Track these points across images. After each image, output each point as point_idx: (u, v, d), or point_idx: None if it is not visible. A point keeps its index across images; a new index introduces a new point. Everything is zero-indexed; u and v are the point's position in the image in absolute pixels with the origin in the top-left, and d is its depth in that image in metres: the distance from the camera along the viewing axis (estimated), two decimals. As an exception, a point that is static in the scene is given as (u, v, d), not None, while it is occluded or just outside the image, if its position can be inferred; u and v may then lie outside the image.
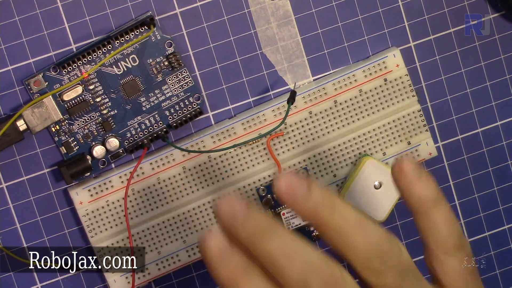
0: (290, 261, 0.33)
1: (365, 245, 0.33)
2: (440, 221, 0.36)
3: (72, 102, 0.45)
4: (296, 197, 0.33)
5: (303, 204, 0.33)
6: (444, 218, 0.36)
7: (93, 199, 0.45)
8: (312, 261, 0.33)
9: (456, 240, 0.36)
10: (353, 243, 0.33)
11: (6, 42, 0.44)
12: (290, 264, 0.33)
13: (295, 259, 0.33)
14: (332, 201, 0.34)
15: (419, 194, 0.35)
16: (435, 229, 0.36)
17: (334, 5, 0.46)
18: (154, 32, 0.45)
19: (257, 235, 0.33)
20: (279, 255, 0.33)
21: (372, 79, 0.46)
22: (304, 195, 0.33)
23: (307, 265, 0.33)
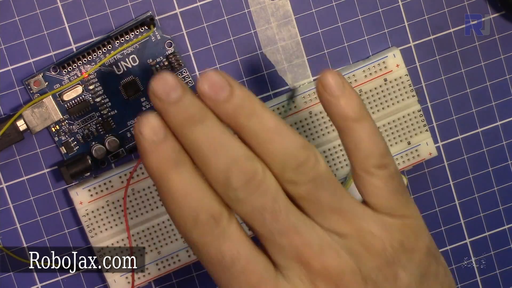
0: (215, 152, 0.33)
1: (280, 152, 0.33)
2: (362, 139, 0.35)
3: (72, 102, 0.45)
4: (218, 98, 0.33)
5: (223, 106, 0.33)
6: (366, 136, 0.35)
7: (93, 199, 0.45)
8: (236, 154, 0.33)
9: (378, 159, 0.35)
10: (270, 149, 0.33)
11: (6, 42, 0.44)
12: (214, 155, 0.33)
13: (220, 151, 0.33)
14: (252, 106, 0.33)
15: (341, 110, 0.35)
16: (356, 147, 0.35)
17: (334, 5, 0.46)
18: (154, 32, 0.45)
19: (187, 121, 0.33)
20: (205, 145, 0.33)
21: (372, 79, 0.46)
22: (226, 97, 0.33)
23: (230, 158, 0.33)
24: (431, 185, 0.49)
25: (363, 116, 0.35)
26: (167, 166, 0.33)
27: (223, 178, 0.33)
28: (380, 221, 0.35)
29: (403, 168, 0.47)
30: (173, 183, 0.33)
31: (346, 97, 0.35)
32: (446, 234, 0.49)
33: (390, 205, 0.35)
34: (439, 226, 0.49)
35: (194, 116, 0.33)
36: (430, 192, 0.49)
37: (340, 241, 0.34)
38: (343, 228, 0.34)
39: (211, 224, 0.33)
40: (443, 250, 0.49)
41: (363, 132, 0.35)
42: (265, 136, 0.33)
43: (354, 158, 0.36)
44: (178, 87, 0.33)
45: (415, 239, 0.36)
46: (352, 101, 0.35)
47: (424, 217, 0.49)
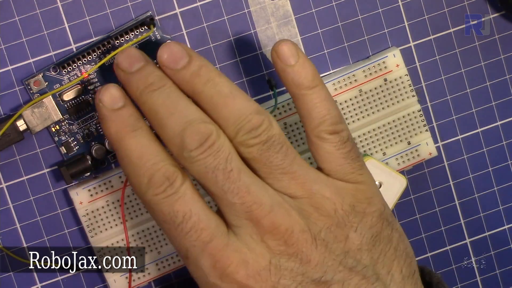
0: (171, 115, 0.35)
1: (234, 116, 0.35)
2: (314, 106, 0.36)
3: (72, 102, 0.45)
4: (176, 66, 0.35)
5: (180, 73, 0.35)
6: (318, 102, 0.36)
7: (93, 199, 0.45)
8: (191, 116, 0.34)
9: (330, 125, 0.36)
10: (224, 113, 0.35)
11: (6, 42, 0.44)
12: (170, 117, 0.34)
13: (176, 114, 0.34)
14: (208, 73, 0.35)
15: (295, 77, 0.36)
16: (309, 114, 0.37)
17: (334, 5, 0.46)
18: (154, 32, 0.45)
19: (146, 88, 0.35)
20: (161, 109, 0.35)
21: (372, 79, 0.46)
22: (183, 64, 0.35)
23: (185, 119, 0.34)
24: (431, 185, 0.49)
25: (316, 83, 0.37)
26: (124, 131, 0.35)
27: (178, 139, 0.34)
28: (332, 184, 0.36)
29: (403, 168, 0.47)
30: (129, 147, 0.35)
31: (299, 65, 0.36)
32: (446, 234, 0.49)
33: (343, 170, 0.37)
34: (439, 226, 0.49)
35: (153, 83, 0.35)
36: (430, 192, 0.49)
37: (291, 202, 0.35)
38: (294, 189, 0.35)
39: (165, 183, 0.34)
40: (443, 250, 0.49)
41: (316, 99, 0.36)
42: (219, 100, 0.35)
43: (307, 124, 0.37)
44: (141, 59, 0.36)
45: (367, 203, 0.37)
46: (306, 69, 0.36)
47: (424, 217, 0.49)
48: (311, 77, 0.37)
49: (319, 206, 0.35)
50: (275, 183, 0.36)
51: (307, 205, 0.35)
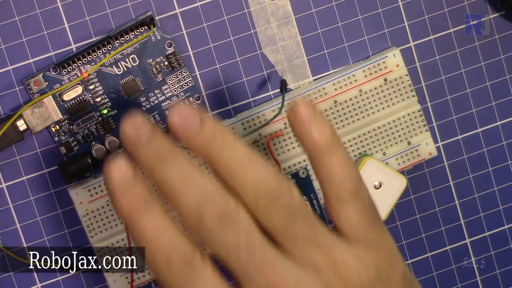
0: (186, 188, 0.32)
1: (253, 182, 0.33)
2: (334, 168, 0.34)
3: (72, 102, 0.45)
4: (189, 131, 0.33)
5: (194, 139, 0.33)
6: (339, 165, 0.34)
7: (93, 199, 0.45)
8: (208, 190, 0.32)
9: (350, 188, 0.34)
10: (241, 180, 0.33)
11: (6, 42, 0.44)
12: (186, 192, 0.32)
13: (191, 187, 0.32)
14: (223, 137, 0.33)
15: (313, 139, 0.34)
16: (329, 176, 0.35)
17: (334, 5, 0.46)
18: (154, 32, 0.45)
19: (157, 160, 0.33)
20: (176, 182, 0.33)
21: (372, 79, 0.46)
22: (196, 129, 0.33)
23: (202, 194, 0.32)
24: (431, 185, 0.49)
25: (335, 145, 0.34)
26: (137, 209, 0.33)
27: (195, 214, 0.32)
28: (355, 252, 0.34)
29: (403, 168, 0.47)
30: (144, 226, 0.33)
31: (317, 126, 0.34)
32: (446, 234, 0.49)
33: (364, 234, 0.35)
34: (439, 226, 0.49)
35: (165, 154, 0.33)
36: (430, 192, 0.49)
37: (316, 276, 0.33)
38: (319, 260, 0.34)
39: (184, 265, 0.32)
40: (443, 250, 0.49)
41: (335, 162, 0.34)
42: (237, 166, 0.33)
43: (326, 187, 0.35)
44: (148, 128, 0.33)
45: (390, 267, 0.35)
46: (324, 130, 0.34)
47: (424, 217, 0.49)
48: (330, 139, 0.34)
49: (345, 279, 0.34)
50: (298, 253, 0.34)
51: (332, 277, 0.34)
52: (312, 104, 0.35)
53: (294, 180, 0.46)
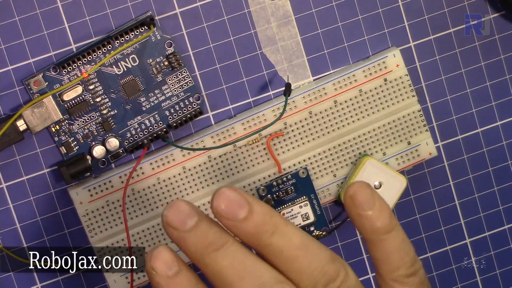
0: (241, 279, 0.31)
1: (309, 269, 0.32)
2: (392, 251, 0.34)
3: (72, 102, 0.45)
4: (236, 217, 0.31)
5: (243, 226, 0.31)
6: (396, 246, 0.34)
7: (93, 199, 0.45)
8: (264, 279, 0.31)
9: (408, 268, 0.34)
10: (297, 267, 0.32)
11: (6, 42, 0.44)
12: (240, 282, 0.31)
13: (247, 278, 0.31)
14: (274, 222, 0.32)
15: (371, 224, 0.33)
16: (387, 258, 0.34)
17: (334, 5, 0.46)
18: (154, 32, 0.45)
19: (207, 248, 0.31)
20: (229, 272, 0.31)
21: (372, 79, 0.46)
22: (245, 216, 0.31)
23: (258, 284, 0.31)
24: (431, 185, 0.49)
25: (393, 226, 0.34)
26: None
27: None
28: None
29: (403, 168, 0.47)
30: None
31: (376, 210, 0.33)
32: (446, 234, 0.49)
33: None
34: (439, 226, 0.49)
35: (214, 242, 0.31)
36: (430, 192, 0.49)
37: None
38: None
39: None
40: (443, 250, 0.49)
41: (394, 243, 0.34)
42: (291, 253, 0.32)
43: (383, 268, 0.34)
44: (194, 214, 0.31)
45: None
46: (383, 213, 0.34)
47: (424, 217, 0.49)
48: (388, 221, 0.34)
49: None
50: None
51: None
52: (370, 187, 0.34)
53: (294, 180, 0.46)
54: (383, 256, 0.34)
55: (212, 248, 0.31)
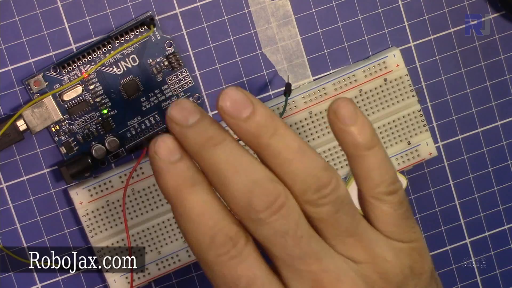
0: (235, 173, 0.32)
1: (303, 173, 0.33)
2: (372, 167, 0.35)
3: (72, 102, 0.45)
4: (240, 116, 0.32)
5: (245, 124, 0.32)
6: (377, 163, 0.35)
7: (93, 199, 0.45)
8: (258, 176, 0.32)
9: (388, 186, 0.35)
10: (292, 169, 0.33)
11: (6, 42, 0.44)
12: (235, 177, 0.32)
13: (241, 172, 0.32)
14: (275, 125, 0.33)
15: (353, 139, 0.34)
16: (367, 175, 0.35)
17: (334, 5, 0.46)
18: (154, 32, 0.45)
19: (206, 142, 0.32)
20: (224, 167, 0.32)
21: (372, 79, 0.46)
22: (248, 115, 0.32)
23: (252, 180, 0.32)
24: (431, 185, 0.49)
25: (375, 143, 0.35)
26: (183, 186, 0.32)
27: (244, 200, 0.32)
28: (392, 246, 0.35)
29: (403, 168, 0.47)
30: (189, 202, 0.32)
31: (358, 125, 0.34)
32: (446, 234, 0.49)
33: (399, 230, 0.35)
34: (439, 226, 0.49)
35: (213, 137, 0.32)
36: (430, 192, 0.49)
37: (356, 268, 0.34)
38: (359, 254, 0.34)
39: (228, 244, 0.32)
40: (443, 250, 0.49)
41: (374, 160, 0.35)
42: (287, 156, 0.33)
43: (363, 185, 0.35)
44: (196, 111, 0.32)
45: (422, 262, 0.36)
46: (365, 129, 0.34)
47: (424, 217, 0.49)
48: (370, 137, 0.34)
49: (382, 271, 0.34)
50: (339, 245, 0.34)
51: (371, 271, 0.34)
52: (352, 102, 0.35)
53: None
54: (363, 172, 0.35)
55: (211, 143, 0.32)
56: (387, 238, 0.35)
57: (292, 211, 0.32)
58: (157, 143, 0.32)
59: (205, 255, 0.33)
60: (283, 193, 0.32)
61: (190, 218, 0.33)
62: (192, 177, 0.33)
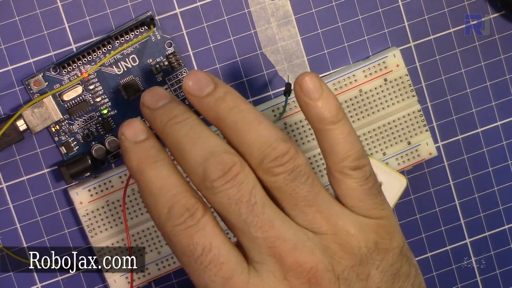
0: (193, 144, 0.34)
1: (259, 142, 0.34)
2: (337, 141, 0.35)
3: (72, 102, 0.45)
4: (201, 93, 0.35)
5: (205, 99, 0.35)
6: (342, 138, 0.35)
7: (93, 199, 0.45)
8: (214, 146, 0.34)
9: (353, 161, 0.35)
10: (248, 139, 0.34)
11: (6, 42, 0.44)
12: (192, 147, 0.34)
13: (198, 144, 0.34)
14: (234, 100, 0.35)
15: (319, 112, 0.35)
16: (332, 149, 0.35)
17: (334, 5, 0.46)
18: (154, 32, 0.45)
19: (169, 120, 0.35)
20: (183, 140, 0.34)
21: (372, 79, 0.46)
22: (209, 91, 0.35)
23: (208, 150, 0.34)
24: (431, 185, 0.49)
25: (340, 118, 0.35)
26: (145, 163, 0.35)
27: (200, 169, 0.33)
28: (356, 220, 0.35)
29: (403, 168, 0.47)
30: (150, 177, 0.34)
31: (323, 99, 0.35)
32: (446, 234, 0.49)
33: (365, 206, 0.36)
34: (439, 226, 0.49)
35: (177, 115, 0.35)
36: (430, 192, 0.49)
37: (315, 239, 0.34)
38: (319, 224, 0.34)
39: (185, 215, 0.33)
40: (443, 250, 0.49)
41: (340, 134, 0.35)
42: (244, 126, 0.34)
43: (329, 159, 0.36)
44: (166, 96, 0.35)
45: (389, 239, 0.36)
46: (330, 103, 0.35)
47: (424, 217, 0.49)
48: (335, 111, 0.35)
49: (343, 243, 0.35)
50: (299, 216, 0.34)
51: (331, 242, 0.34)
52: (318, 77, 0.35)
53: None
54: (329, 147, 0.36)
55: (174, 121, 0.35)
56: (352, 212, 0.36)
57: (246, 180, 0.33)
58: (124, 125, 0.35)
59: (164, 225, 0.34)
60: (238, 162, 0.33)
61: (151, 191, 0.34)
62: (154, 155, 0.35)
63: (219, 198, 0.33)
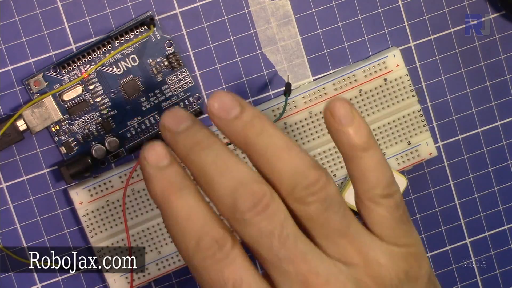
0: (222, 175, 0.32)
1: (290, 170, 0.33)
2: (368, 169, 0.34)
3: (72, 102, 0.45)
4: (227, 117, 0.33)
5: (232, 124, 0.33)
6: (373, 165, 0.34)
7: (93, 199, 0.45)
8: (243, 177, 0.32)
9: (384, 189, 0.35)
10: (279, 167, 0.33)
11: (6, 42, 0.44)
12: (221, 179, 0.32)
13: (227, 174, 0.32)
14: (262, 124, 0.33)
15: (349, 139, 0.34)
16: (363, 176, 0.35)
17: (334, 5, 0.46)
18: (154, 32, 0.45)
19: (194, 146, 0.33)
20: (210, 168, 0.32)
21: (372, 79, 0.46)
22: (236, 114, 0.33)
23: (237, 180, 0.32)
24: (431, 185, 0.49)
25: (371, 145, 0.34)
26: (170, 191, 0.33)
27: (229, 200, 0.32)
28: (387, 250, 0.34)
29: (403, 168, 0.47)
30: (176, 207, 0.33)
31: (355, 126, 0.34)
32: (446, 234, 0.49)
33: (395, 234, 0.35)
34: (439, 226, 0.49)
35: (202, 141, 0.33)
36: (430, 192, 0.49)
37: (347, 271, 0.33)
38: (351, 256, 0.34)
39: (214, 248, 0.32)
40: (443, 250, 0.49)
41: (371, 162, 0.34)
42: (274, 153, 0.33)
43: (359, 187, 0.35)
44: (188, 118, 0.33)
45: (418, 267, 0.35)
46: (361, 130, 0.34)
47: (424, 217, 0.49)
48: (366, 138, 0.34)
49: (375, 275, 0.34)
50: (330, 247, 0.33)
51: (363, 274, 0.33)
52: (349, 103, 0.34)
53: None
54: (359, 174, 0.35)
55: (199, 147, 0.33)
56: (382, 241, 0.35)
57: (277, 211, 0.32)
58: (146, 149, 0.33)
59: (192, 259, 0.32)
60: (269, 193, 0.32)
61: (176, 222, 0.33)
62: (180, 182, 0.33)
63: (250, 231, 0.32)
